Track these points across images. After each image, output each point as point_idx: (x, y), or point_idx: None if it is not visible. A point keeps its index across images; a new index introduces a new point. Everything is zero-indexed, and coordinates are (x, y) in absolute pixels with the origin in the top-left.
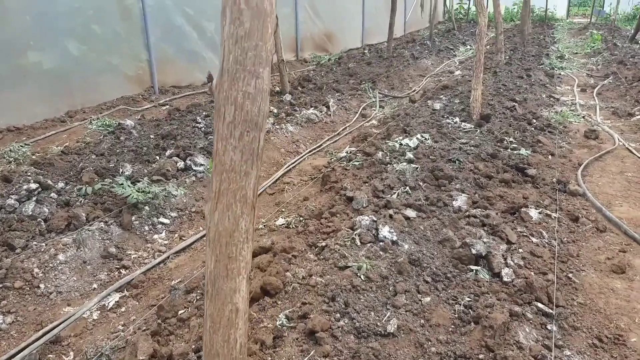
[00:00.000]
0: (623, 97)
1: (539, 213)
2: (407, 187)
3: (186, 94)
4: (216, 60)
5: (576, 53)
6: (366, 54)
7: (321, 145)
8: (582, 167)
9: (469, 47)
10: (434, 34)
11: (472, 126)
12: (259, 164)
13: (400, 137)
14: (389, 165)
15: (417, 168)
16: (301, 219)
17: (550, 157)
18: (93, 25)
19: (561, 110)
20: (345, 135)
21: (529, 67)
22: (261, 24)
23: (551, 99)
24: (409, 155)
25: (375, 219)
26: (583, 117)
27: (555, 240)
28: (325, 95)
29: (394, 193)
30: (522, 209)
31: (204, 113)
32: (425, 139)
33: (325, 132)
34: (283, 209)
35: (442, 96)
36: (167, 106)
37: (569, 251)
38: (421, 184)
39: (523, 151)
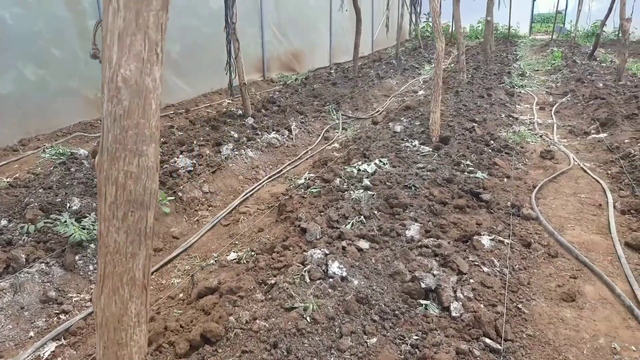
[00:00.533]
0: (580, 115)
1: (492, 240)
2: (362, 217)
3: None
4: (180, 83)
5: (537, 70)
6: (332, 74)
7: (281, 170)
8: (536, 189)
9: (434, 65)
10: (400, 52)
11: (431, 149)
12: (149, 244)
13: (360, 162)
14: (346, 192)
15: (373, 195)
16: (253, 253)
17: (505, 179)
18: (52, 49)
19: (519, 130)
20: (307, 159)
21: (490, 86)
22: (142, 101)
23: (510, 118)
24: (366, 182)
25: (327, 252)
26: (540, 136)
27: (506, 268)
28: (289, 118)
29: (349, 223)
30: (475, 237)
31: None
32: (384, 163)
33: (287, 157)
34: (237, 242)
35: (403, 118)
36: None
37: (519, 280)
38: (376, 212)
39: (479, 174)
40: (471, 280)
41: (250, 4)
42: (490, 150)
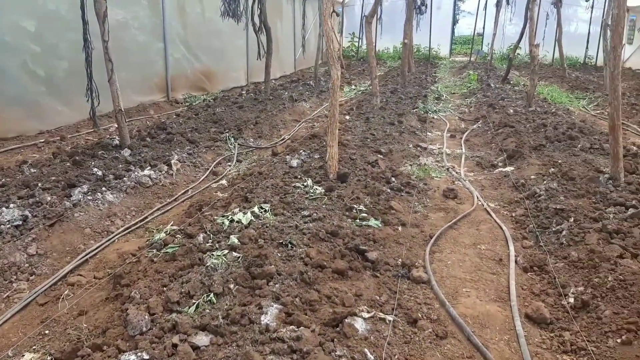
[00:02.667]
0: (489, 145)
1: (370, 318)
2: (212, 294)
3: (8, 149)
4: (57, 105)
5: (454, 93)
6: (243, 95)
7: (145, 219)
8: (432, 240)
9: (354, 86)
10: (323, 72)
11: (323, 191)
12: None
13: (238, 209)
14: (207, 254)
15: (238, 259)
16: (50, 357)
17: (400, 228)
18: None
19: (425, 163)
20: (184, 201)
21: (403, 111)
22: None
23: (418, 148)
24: (233, 239)
25: (146, 357)
26: (447, 169)
27: None
28: (174, 149)
29: (194, 304)
30: (347, 319)
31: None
32: (264, 211)
33: (160, 199)
34: (47, 331)
35: (304, 149)
36: None
37: None
38: (232, 286)
39: (372, 222)
40: None
41: (155, 18)
42: (389, 190)
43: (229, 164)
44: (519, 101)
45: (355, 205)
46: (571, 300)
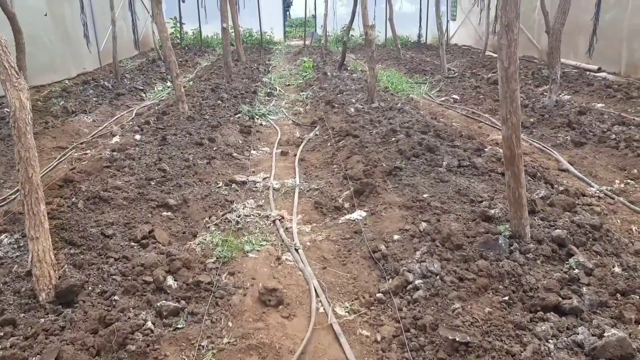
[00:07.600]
0: (330, 166)
1: None
2: None
3: None
4: None
5: (289, 85)
6: None
7: None
8: None
9: (169, 83)
10: (133, 67)
11: None
12: None
13: None
14: None
15: None
16: None
17: None
18: None
19: (239, 217)
20: None
21: (220, 120)
22: None
23: (233, 185)
24: None
25: None
26: (274, 221)
27: None
28: None
29: None
30: None
31: None
32: None
33: None
34: None
35: (6, 235)
36: None
37: None
38: None
39: None
40: None
41: None
42: (151, 320)
43: None
44: (359, 94)
45: None
46: None
